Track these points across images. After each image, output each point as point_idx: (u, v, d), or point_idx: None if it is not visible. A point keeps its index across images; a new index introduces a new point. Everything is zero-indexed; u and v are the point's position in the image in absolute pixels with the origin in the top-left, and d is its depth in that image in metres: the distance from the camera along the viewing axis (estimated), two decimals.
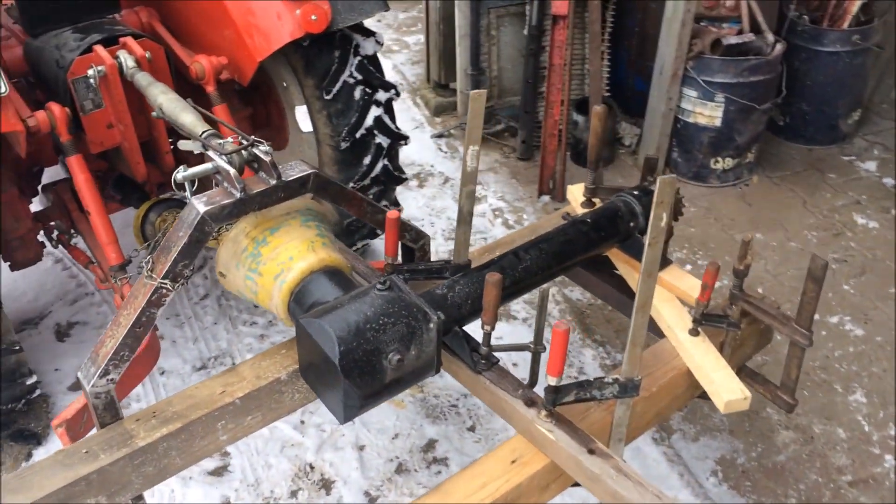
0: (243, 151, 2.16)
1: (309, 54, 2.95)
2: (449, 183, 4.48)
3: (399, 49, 6.07)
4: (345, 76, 3.01)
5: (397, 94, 3.19)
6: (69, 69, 2.59)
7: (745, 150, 4.26)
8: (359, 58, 3.03)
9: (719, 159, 4.26)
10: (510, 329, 3.47)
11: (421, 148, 4.79)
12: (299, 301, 2.16)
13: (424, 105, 5.26)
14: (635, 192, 2.56)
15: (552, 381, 1.97)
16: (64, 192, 3.09)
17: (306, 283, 2.17)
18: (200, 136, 2.25)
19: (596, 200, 2.82)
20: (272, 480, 2.85)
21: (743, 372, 2.55)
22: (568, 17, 4.13)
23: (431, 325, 2.02)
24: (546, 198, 4.32)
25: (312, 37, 2.77)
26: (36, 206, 3.18)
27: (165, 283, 2.02)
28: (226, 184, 2.09)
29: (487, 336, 2.14)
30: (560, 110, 4.24)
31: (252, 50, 2.78)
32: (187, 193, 2.16)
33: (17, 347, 2.66)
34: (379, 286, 2.05)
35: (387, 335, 1.96)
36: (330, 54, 2.97)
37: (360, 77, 3.04)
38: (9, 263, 3.01)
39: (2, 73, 2.28)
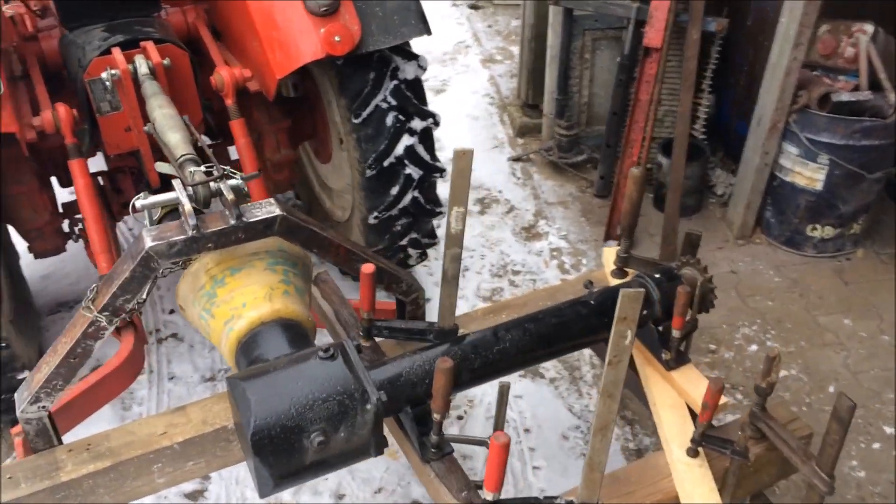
0: (211, 184, 2.04)
1: (343, 73, 2.80)
2: (513, 213, 4.23)
3: (502, 59, 5.83)
4: (377, 100, 2.84)
5: (436, 124, 2.99)
6: (87, 69, 2.56)
7: (850, 220, 3.75)
8: (395, 82, 2.85)
9: (817, 227, 3.78)
10: (535, 388, 3.20)
11: (494, 170, 4.56)
12: (245, 351, 2.02)
13: (510, 123, 5.01)
14: (657, 276, 2.24)
15: (488, 497, 1.73)
16: None
17: (255, 333, 2.03)
18: (177, 159, 2.15)
19: (629, 270, 2.52)
20: None
21: (758, 502, 2.20)
22: (662, 49, 3.76)
23: (369, 407, 1.83)
24: (613, 243, 3.98)
25: (337, 58, 2.61)
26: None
27: (101, 318, 1.92)
28: (182, 218, 1.96)
29: (438, 425, 1.92)
30: (641, 150, 3.89)
31: (273, 66, 2.66)
32: (146, 222, 2.06)
33: (4, 345, 2.68)
34: (321, 353, 1.87)
35: (313, 412, 1.79)
36: (364, 76, 2.81)
37: (394, 102, 2.86)
38: (32, 252, 3.06)
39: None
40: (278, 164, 3.23)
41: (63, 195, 3.23)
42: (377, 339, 2.27)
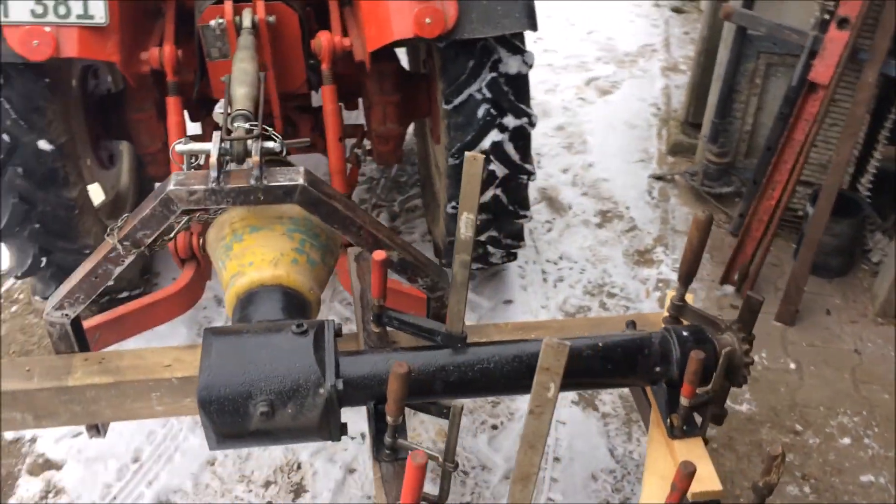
0: (249, 142, 2.11)
1: (445, 57, 2.78)
2: (633, 233, 4.00)
3: (686, 69, 5.49)
4: (471, 89, 2.79)
5: (531, 124, 2.89)
6: (202, 14, 2.73)
7: None
8: (494, 74, 2.78)
9: None
10: (582, 418, 3.03)
11: (629, 185, 4.33)
12: (241, 308, 2.10)
13: (666, 138, 4.72)
14: (684, 333, 2.03)
15: None
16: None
17: (252, 293, 2.09)
18: (226, 111, 2.24)
19: (684, 320, 2.31)
20: (259, 461, 2.87)
21: None
22: (829, 87, 3.36)
23: (321, 392, 1.83)
24: (729, 289, 3.66)
25: (428, 40, 2.58)
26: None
27: (119, 246, 2.07)
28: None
29: (392, 428, 1.88)
30: (782, 193, 3.52)
31: (368, 38, 2.68)
32: (184, 166, 2.17)
33: None
34: (294, 328, 1.89)
35: (265, 383, 1.83)
36: (463, 62, 2.77)
37: (488, 95, 2.79)
38: (147, 175, 3.35)
39: (106, 4, 2.46)
40: (383, 136, 3.27)
41: (193, 129, 3.48)
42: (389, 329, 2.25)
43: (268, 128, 2.18)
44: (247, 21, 2.67)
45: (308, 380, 1.83)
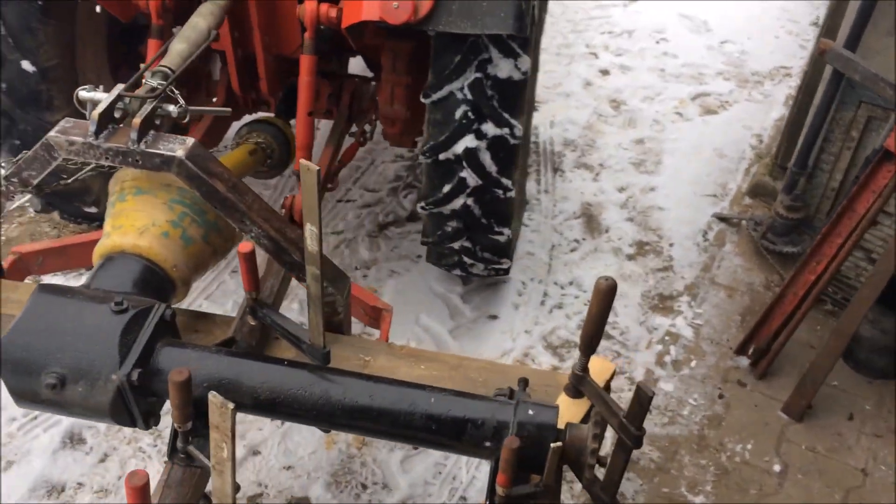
0: (146, 101, 2.04)
1: (435, 47, 2.58)
2: (664, 273, 3.62)
3: None
4: (453, 87, 2.58)
5: (513, 137, 2.63)
6: None
7: None
8: (479, 75, 2.55)
9: None
10: None
11: (685, 220, 3.92)
12: (96, 270, 2.05)
13: (749, 177, 4.21)
14: (530, 412, 1.78)
15: None
16: None
17: (111, 257, 2.05)
18: (147, 65, 2.19)
19: (584, 391, 2.05)
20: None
21: None
22: None
23: (113, 378, 1.76)
24: (743, 361, 3.23)
25: (395, 27, 2.39)
26: None
27: (4, 182, 2.08)
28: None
29: (181, 434, 1.78)
30: (825, 269, 3.03)
31: (343, 15, 2.52)
32: (86, 114, 2.14)
33: None
34: (114, 305, 1.82)
35: (63, 354, 1.78)
36: (450, 57, 2.56)
37: (469, 96, 2.57)
38: None
39: None
40: (389, 116, 3.11)
41: None
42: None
43: (175, 91, 2.11)
44: None
45: (103, 363, 1.77)
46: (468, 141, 2.63)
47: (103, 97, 2.06)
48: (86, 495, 2.64)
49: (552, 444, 1.68)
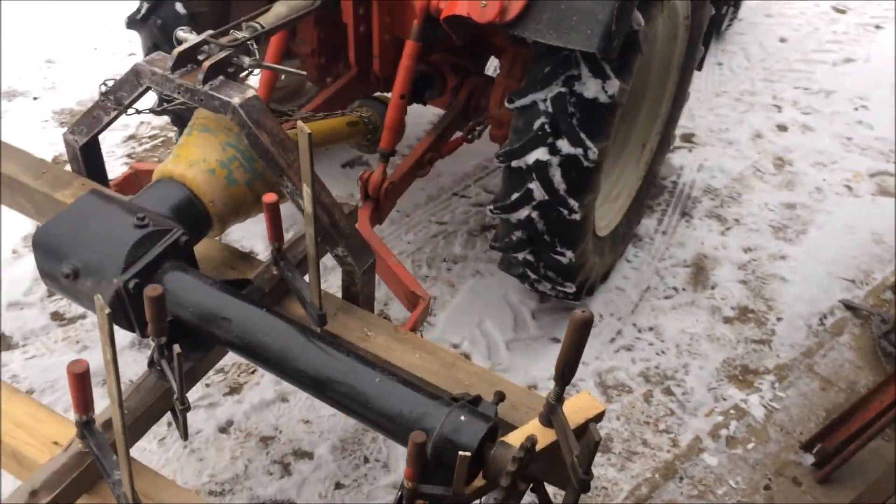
0: (224, 48, 2.25)
1: (534, 52, 2.59)
2: (759, 346, 3.36)
3: None
4: (537, 96, 2.57)
5: (587, 159, 2.58)
6: None
7: None
8: (564, 89, 2.53)
9: None
10: None
11: (806, 298, 3.61)
12: (146, 189, 2.28)
13: None
14: (462, 417, 1.77)
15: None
16: None
17: (160, 181, 2.27)
18: (245, 18, 2.39)
19: (553, 421, 2.02)
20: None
21: None
22: None
23: (115, 281, 1.97)
24: (808, 459, 2.93)
25: (481, 25, 2.42)
26: None
27: (105, 100, 2.37)
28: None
29: (156, 348, 1.95)
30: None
31: (444, 6, 2.59)
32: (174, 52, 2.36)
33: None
34: (136, 219, 2.03)
35: (83, 250, 2.02)
36: (541, 65, 2.57)
37: (549, 109, 2.56)
38: None
39: None
40: (496, 118, 3.14)
41: None
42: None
43: (255, 45, 2.29)
44: None
45: (109, 266, 1.98)
46: (540, 153, 2.61)
47: (187, 37, 2.29)
48: None
49: (460, 453, 1.67)
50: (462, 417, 1.78)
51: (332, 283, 3.35)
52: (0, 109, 4.34)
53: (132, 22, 3.14)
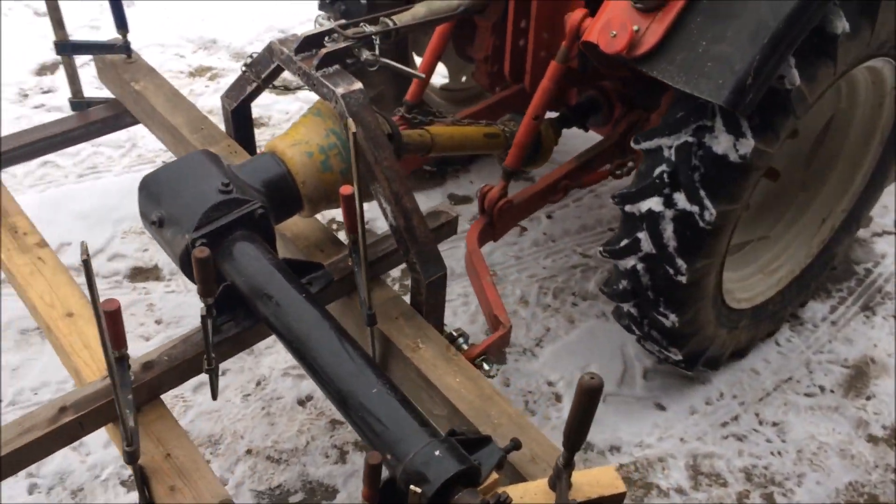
0: (346, 39, 2.36)
1: (674, 93, 2.42)
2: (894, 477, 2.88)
3: None
4: (663, 141, 2.40)
5: (703, 220, 2.36)
6: None
7: None
8: (691, 139, 2.34)
9: None
10: None
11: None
12: (253, 158, 2.45)
13: None
14: (437, 451, 1.71)
15: None
16: None
17: (264, 154, 2.42)
18: (385, 13, 2.47)
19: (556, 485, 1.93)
20: None
21: None
22: None
23: (186, 236, 2.13)
24: None
25: (609, 56, 2.30)
26: None
27: (247, 71, 2.58)
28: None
29: (205, 307, 2.08)
30: None
31: (586, 31, 2.47)
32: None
33: None
34: (222, 185, 2.18)
35: (175, 202, 2.21)
36: (675, 109, 2.41)
37: (673, 157, 2.37)
38: None
39: None
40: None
41: None
42: None
43: (373, 40, 2.36)
44: None
45: (185, 222, 2.14)
46: (654, 203, 2.43)
47: (327, 26, 2.41)
48: None
49: (411, 488, 1.62)
50: (437, 452, 1.71)
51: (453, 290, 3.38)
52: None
53: (322, 3, 3.34)
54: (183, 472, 1.95)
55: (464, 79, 4.01)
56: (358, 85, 2.28)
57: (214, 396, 2.16)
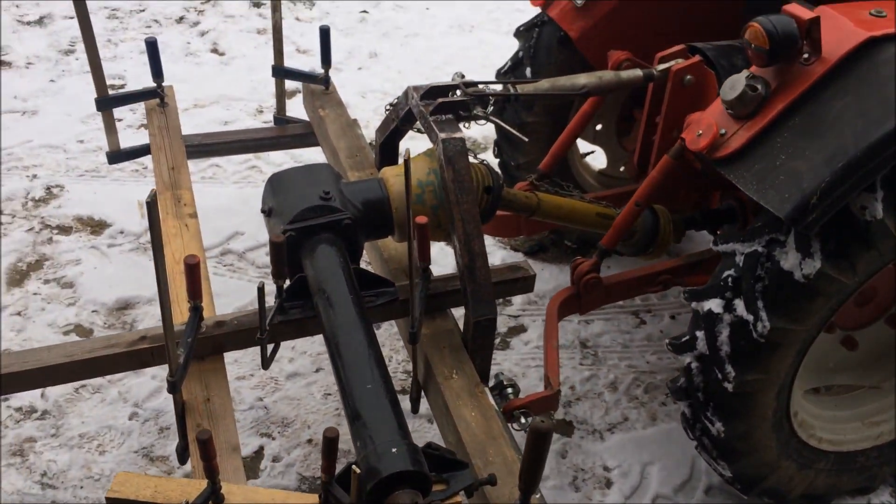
0: (463, 95, 2.66)
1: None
2: None
3: None
4: (736, 247, 2.45)
5: (756, 332, 2.35)
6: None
7: None
8: (762, 250, 2.37)
9: None
10: None
11: None
12: (369, 179, 2.80)
13: None
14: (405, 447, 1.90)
15: None
16: None
17: (377, 178, 2.75)
18: (505, 80, 2.76)
19: None
20: None
21: None
22: None
23: (283, 230, 2.51)
24: None
25: (693, 153, 2.39)
26: None
27: (388, 108, 2.97)
28: None
29: (277, 287, 2.44)
30: None
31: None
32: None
33: None
34: (323, 193, 2.55)
35: (280, 196, 2.62)
36: (758, 217, 2.44)
37: (741, 264, 2.41)
38: None
39: None
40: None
41: None
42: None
43: (488, 100, 2.65)
44: (662, 66, 2.86)
45: (286, 214, 2.53)
46: (715, 304, 2.44)
47: (457, 80, 2.73)
48: None
49: (353, 468, 1.82)
50: (394, 449, 1.90)
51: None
52: None
53: (517, 31, 3.65)
54: (212, 416, 2.29)
55: (622, 168, 4.16)
56: (460, 134, 2.57)
57: (264, 366, 2.49)
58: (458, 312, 2.65)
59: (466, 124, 2.75)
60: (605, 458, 3.17)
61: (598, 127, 3.94)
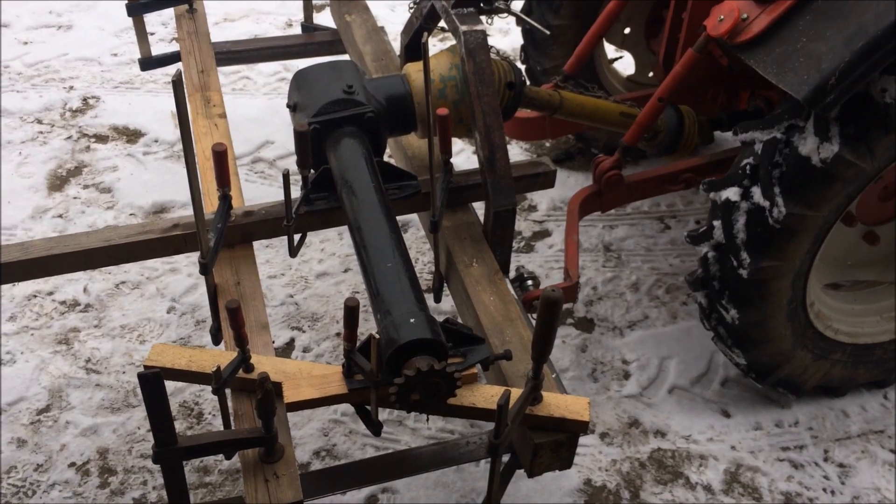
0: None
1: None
2: None
3: None
4: (755, 135, 2.44)
5: (772, 217, 2.37)
6: None
7: None
8: (780, 136, 2.36)
9: None
10: None
11: None
12: (388, 74, 2.82)
13: None
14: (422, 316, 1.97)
15: None
16: None
17: (401, 74, 2.77)
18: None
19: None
20: None
21: None
22: None
23: (309, 122, 2.55)
24: None
25: (712, 39, 2.37)
26: None
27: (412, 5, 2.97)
28: None
29: (302, 178, 2.50)
30: None
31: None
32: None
33: None
34: (346, 87, 2.59)
35: (305, 90, 2.66)
36: (779, 105, 2.42)
37: (759, 151, 2.40)
38: None
39: None
40: None
41: None
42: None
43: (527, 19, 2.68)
44: None
45: (310, 108, 2.57)
46: (732, 193, 2.46)
47: None
48: None
49: (370, 334, 1.91)
50: (412, 320, 1.98)
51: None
52: None
53: None
54: (243, 297, 2.39)
55: (650, 74, 4.12)
56: (481, 26, 2.57)
57: (291, 254, 2.57)
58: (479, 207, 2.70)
59: (489, 19, 2.75)
60: (624, 352, 3.24)
61: (627, 30, 3.89)
